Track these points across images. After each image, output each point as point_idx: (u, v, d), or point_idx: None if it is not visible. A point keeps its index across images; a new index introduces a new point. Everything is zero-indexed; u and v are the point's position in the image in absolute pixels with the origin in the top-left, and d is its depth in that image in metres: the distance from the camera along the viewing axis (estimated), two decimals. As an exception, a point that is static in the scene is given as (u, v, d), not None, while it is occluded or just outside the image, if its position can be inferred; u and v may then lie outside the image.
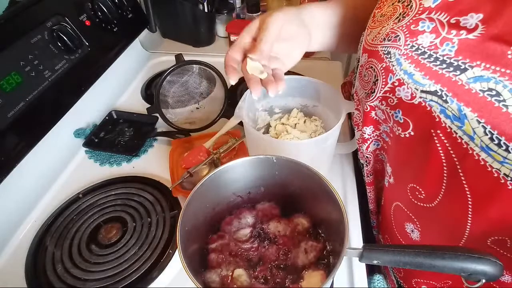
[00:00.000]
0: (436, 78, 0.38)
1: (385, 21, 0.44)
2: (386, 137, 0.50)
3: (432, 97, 0.38)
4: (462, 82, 0.36)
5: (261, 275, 0.48)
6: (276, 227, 0.52)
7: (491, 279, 0.36)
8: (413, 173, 0.47)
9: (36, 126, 0.66)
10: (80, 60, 0.75)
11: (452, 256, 0.36)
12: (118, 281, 0.55)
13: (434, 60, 0.38)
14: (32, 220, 0.66)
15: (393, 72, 0.41)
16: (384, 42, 0.43)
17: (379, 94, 0.44)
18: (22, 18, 0.66)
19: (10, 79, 0.61)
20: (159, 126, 0.82)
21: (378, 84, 0.44)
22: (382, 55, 0.43)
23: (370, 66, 0.45)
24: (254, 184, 0.54)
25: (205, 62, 0.80)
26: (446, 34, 0.37)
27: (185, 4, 1.04)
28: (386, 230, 0.62)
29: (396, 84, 0.41)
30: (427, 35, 0.38)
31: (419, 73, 0.39)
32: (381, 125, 0.50)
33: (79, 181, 0.72)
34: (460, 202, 0.42)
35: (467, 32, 0.36)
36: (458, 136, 0.37)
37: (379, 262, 0.39)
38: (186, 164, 0.68)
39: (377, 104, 0.46)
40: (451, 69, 0.36)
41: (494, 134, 0.34)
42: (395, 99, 0.43)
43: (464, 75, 0.35)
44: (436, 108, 0.38)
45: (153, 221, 0.63)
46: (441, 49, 0.37)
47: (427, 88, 0.38)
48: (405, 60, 0.40)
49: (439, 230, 0.48)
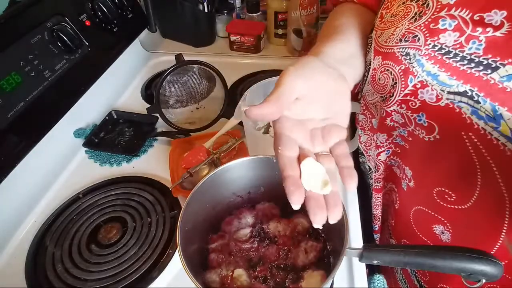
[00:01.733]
0: (465, 78, 0.36)
1: (398, 21, 0.43)
2: (401, 141, 0.48)
3: (461, 98, 0.36)
4: (494, 81, 0.34)
5: (261, 275, 0.48)
6: (276, 227, 0.52)
7: (491, 279, 0.35)
8: (440, 176, 0.45)
9: (36, 126, 0.66)
10: (80, 60, 0.75)
11: (452, 256, 0.36)
12: (118, 281, 0.55)
13: (461, 59, 0.36)
14: (32, 220, 0.66)
15: (413, 74, 0.40)
16: (401, 43, 0.41)
17: (398, 98, 0.42)
18: (22, 18, 0.66)
19: (10, 79, 0.61)
20: (159, 126, 0.82)
21: (397, 87, 0.42)
22: (400, 57, 0.41)
23: (386, 69, 0.43)
24: (254, 184, 0.54)
25: (205, 62, 0.80)
26: (471, 32, 0.35)
27: (185, 4, 1.04)
28: (403, 234, 0.60)
29: (419, 86, 0.40)
30: (450, 34, 0.37)
31: (444, 74, 0.37)
32: (395, 130, 0.48)
33: (79, 181, 0.72)
34: (497, 203, 0.40)
35: (493, 29, 0.34)
36: (494, 138, 0.35)
37: (379, 262, 0.39)
38: (186, 164, 0.68)
39: (396, 108, 0.44)
40: (481, 68, 0.35)
41: None
42: (417, 102, 0.41)
43: (496, 73, 0.34)
44: (466, 110, 0.36)
45: (153, 221, 0.63)
46: (467, 47, 0.35)
47: (455, 89, 0.37)
48: (427, 61, 0.38)
49: (474, 232, 0.46)
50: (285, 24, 1.07)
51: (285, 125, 0.38)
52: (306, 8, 0.97)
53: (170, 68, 0.76)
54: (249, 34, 1.06)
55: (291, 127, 0.38)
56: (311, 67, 0.41)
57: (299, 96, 0.38)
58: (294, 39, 1.04)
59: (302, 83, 0.38)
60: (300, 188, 0.34)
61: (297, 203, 0.34)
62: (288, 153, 0.37)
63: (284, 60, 1.06)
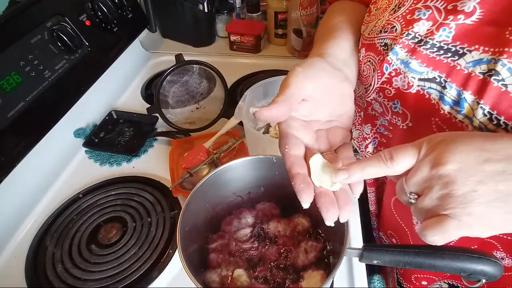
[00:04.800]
0: (434, 65, 0.37)
1: (380, 13, 0.44)
2: (384, 131, 0.50)
3: (430, 84, 0.37)
4: (460, 67, 0.35)
5: (261, 275, 0.48)
6: (276, 227, 0.52)
7: (491, 279, 0.35)
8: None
9: (36, 126, 0.66)
10: (80, 60, 0.75)
11: (452, 256, 0.36)
12: (118, 281, 0.55)
13: (431, 47, 0.37)
14: (32, 220, 0.66)
15: (389, 62, 0.40)
16: (380, 34, 0.42)
17: (377, 86, 0.43)
18: (22, 18, 0.66)
19: (10, 79, 0.61)
20: (159, 126, 0.82)
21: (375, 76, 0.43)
22: (379, 47, 0.42)
23: (368, 60, 0.44)
24: (254, 184, 0.54)
25: (205, 62, 0.80)
26: (443, 20, 0.37)
27: (185, 4, 1.04)
28: (388, 225, 0.61)
29: (393, 74, 0.41)
30: (423, 23, 0.38)
31: (415, 61, 0.38)
32: (378, 119, 0.49)
33: (79, 181, 0.72)
34: None
35: (465, 16, 0.35)
36: (458, 121, 0.37)
37: (379, 262, 0.39)
38: (186, 164, 0.68)
39: (375, 96, 0.45)
40: (449, 55, 0.36)
41: (493, 114, 0.33)
42: (392, 90, 0.42)
43: (462, 59, 0.35)
44: (435, 96, 0.38)
45: (153, 221, 0.63)
46: (437, 35, 0.37)
47: (425, 75, 0.38)
48: (401, 49, 0.39)
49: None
50: (285, 24, 1.07)
51: (292, 124, 0.39)
52: (306, 8, 0.97)
53: (170, 68, 0.76)
54: (249, 34, 1.06)
55: (298, 127, 0.39)
56: (319, 68, 0.41)
57: (306, 97, 0.39)
58: (294, 39, 1.04)
59: (310, 84, 0.38)
60: (309, 185, 0.34)
61: (307, 201, 0.34)
62: (295, 152, 0.37)
63: (284, 60, 1.06)
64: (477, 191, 0.28)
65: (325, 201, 0.34)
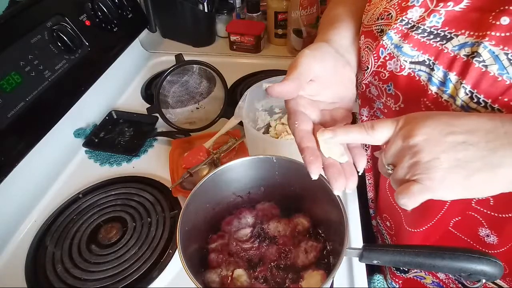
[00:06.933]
0: (424, 49, 0.39)
1: (379, 2, 0.46)
2: (380, 115, 0.51)
3: (420, 67, 0.40)
4: (447, 50, 0.38)
5: (261, 275, 0.48)
6: (276, 227, 0.52)
7: (491, 279, 0.36)
8: None
9: (36, 126, 0.66)
10: (80, 60, 0.75)
11: (452, 256, 0.36)
12: (118, 281, 0.55)
13: (422, 32, 0.39)
14: (32, 220, 0.66)
15: (384, 46, 0.43)
16: (378, 21, 0.45)
17: (373, 69, 0.46)
18: (22, 18, 0.66)
19: (10, 79, 0.61)
20: (159, 126, 0.82)
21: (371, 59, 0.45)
22: (376, 34, 0.44)
23: (366, 46, 0.46)
24: (254, 184, 0.54)
25: (205, 62, 0.80)
26: (434, 7, 0.39)
27: (185, 4, 1.04)
28: (385, 209, 0.62)
29: (388, 58, 0.43)
30: (416, 9, 0.40)
31: (407, 45, 0.40)
32: (374, 102, 0.50)
33: (79, 181, 0.72)
34: None
35: (454, 3, 0.37)
36: (444, 100, 0.39)
37: (379, 262, 0.39)
38: (186, 164, 0.68)
39: (371, 80, 0.47)
40: (438, 39, 0.38)
41: (474, 93, 0.36)
42: (386, 73, 0.44)
43: (449, 43, 0.37)
44: (424, 78, 0.40)
45: (153, 221, 0.63)
46: (428, 21, 0.39)
47: (416, 59, 0.40)
48: (395, 34, 0.42)
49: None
50: (285, 24, 1.07)
51: (300, 102, 0.42)
52: (306, 8, 0.97)
53: (170, 68, 0.76)
54: (249, 34, 1.06)
55: (305, 105, 0.42)
56: (324, 51, 0.44)
57: (313, 77, 0.42)
58: (294, 39, 1.04)
59: (317, 65, 0.42)
60: (318, 157, 0.37)
61: (316, 172, 0.36)
62: (304, 127, 0.40)
63: (284, 60, 1.06)
64: (439, 158, 0.31)
65: (333, 171, 0.37)
